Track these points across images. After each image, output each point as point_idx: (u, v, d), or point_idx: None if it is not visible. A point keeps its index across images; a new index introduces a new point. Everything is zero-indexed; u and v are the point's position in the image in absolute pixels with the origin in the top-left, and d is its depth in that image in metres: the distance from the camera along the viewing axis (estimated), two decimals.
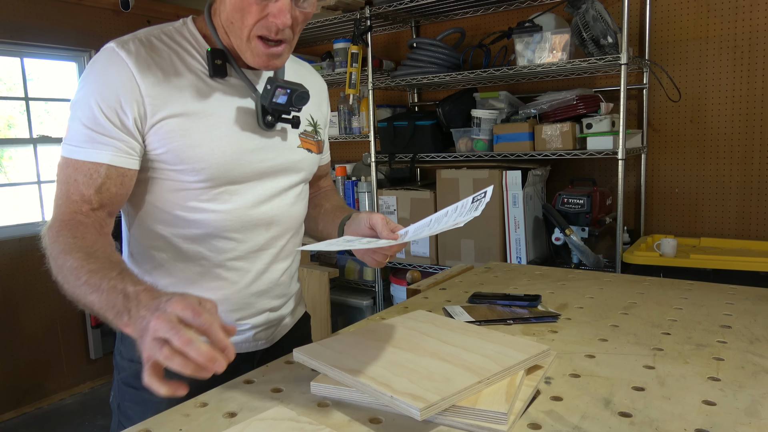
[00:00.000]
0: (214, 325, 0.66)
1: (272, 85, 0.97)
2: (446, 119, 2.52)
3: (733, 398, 0.73)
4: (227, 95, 0.97)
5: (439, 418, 0.68)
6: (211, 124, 0.95)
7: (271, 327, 1.09)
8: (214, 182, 0.95)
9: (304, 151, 1.08)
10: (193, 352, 0.63)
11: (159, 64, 0.93)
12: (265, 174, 1.01)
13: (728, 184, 2.28)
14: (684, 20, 2.30)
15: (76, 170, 0.91)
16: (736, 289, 1.22)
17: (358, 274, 3.03)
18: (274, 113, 1.00)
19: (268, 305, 1.07)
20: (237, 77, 0.99)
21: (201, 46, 0.97)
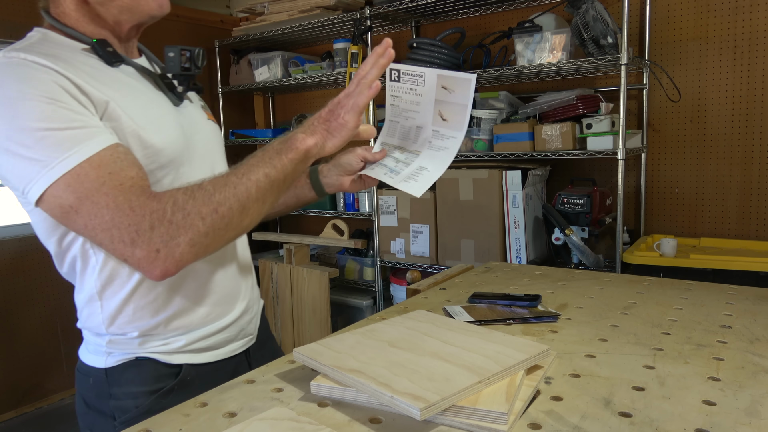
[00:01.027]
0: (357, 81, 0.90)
1: (175, 50, 0.96)
2: None
3: (733, 398, 0.73)
4: (134, 79, 0.93)
5: (439, 418, 0.68)
6: (143, 105, 0.89)
7: (254, 315, 1.10)
8: (171, 164, 0.90)
9: (212, 122, 1.07)
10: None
11: (68, 62, 0.83)
12: (201, 149, 0.99)
13: (728, 184, 2.28)
14: (684, 20, 2.30)
15: (99, 167, 0.76)
16: (736, 289, 1.22)
17: (358, 274, 3.03)
18: (182, 81, 0.98)
19: (249, 280, 1.08)
20: (127, 65, 0.94)
21: (77, 47, 0.90)
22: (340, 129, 0.90)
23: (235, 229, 0.81)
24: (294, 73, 3.05)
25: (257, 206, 0.82)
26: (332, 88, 3.37)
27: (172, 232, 0.76)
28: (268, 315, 2.94)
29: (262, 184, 0.82)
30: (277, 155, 0.84)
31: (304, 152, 0.86)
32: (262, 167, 0.83)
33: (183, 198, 0.78)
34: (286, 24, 2.94)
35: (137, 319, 0.92)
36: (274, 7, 2.97)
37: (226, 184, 0.80)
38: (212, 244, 0.80)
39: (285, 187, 0.86)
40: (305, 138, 0.87)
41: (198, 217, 0.77)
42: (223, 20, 3.51)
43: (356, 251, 3.05)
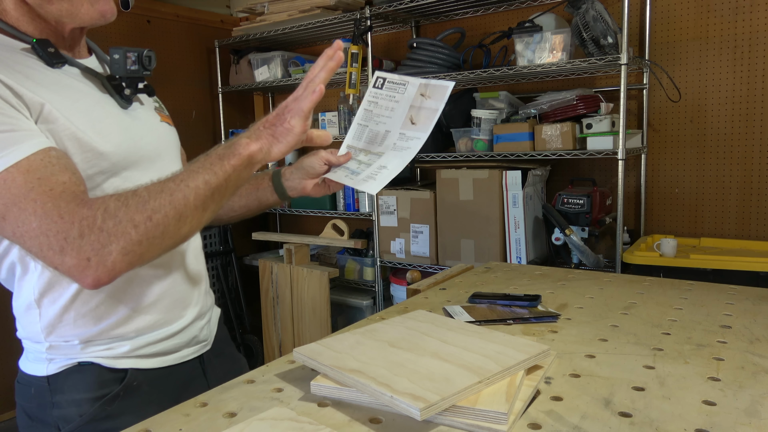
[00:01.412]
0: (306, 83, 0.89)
1: (120, 52, 0.92)
2: (446, 119, 2.52)
3: (733, 398, 0.73)
4: (77, 81, 0.90)
5: (439, 418, 0.68)
6: (84, 108, 0.86)
7: (208, 319, 1.08)
8: (114, 168, 0.87)
9: (165, 125, 1.04)
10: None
11: (1, 62, 0.81)
12: (150, 152, 0.96)
13: (728, 184, 2.28)
14: (684, 20, 2.30)
15: (28, 172, 0.74)
16: (736, 289, 1.22)
17: (358, 274, 3.03)
18: (130, 84, 0.95)
19: (202, 287, 1.05)
20: (71, 66, 0.91)
21: (16, 46, 0.87)
22: (285, 134, 0.87)
23: (172, 238, 0.78)
24: (294, 73, 3.05)
25: (196, 214, 0.79)
26: (332, 88, 3.37)
27: (103, 240, 0.73)
28: (267, 315, 2.94)
29: (201, 191, 0.78)
30: (219, 161, 0.81)
31: (247, 158, 0.83)
32: (203, 173, 0.79)
33: (115, 205, 0.75)
34: (286, 24, 2.93)
35: (78, 327, 0.89)
36: (274, 7, 2.97)
37: (162, 190, 0.77)
38: (147, 252, 0.76)
39: (228, 194, 0.83)
40: (249, 143, 0.83)
41: (130, 224, 0.74)
42: (223, 20, 3.51)
43: (356, 251, 3.06)
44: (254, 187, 1.16)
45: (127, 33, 3.05)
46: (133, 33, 3.07)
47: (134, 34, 3.08)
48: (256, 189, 1.16)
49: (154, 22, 3.18)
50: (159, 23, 3.19)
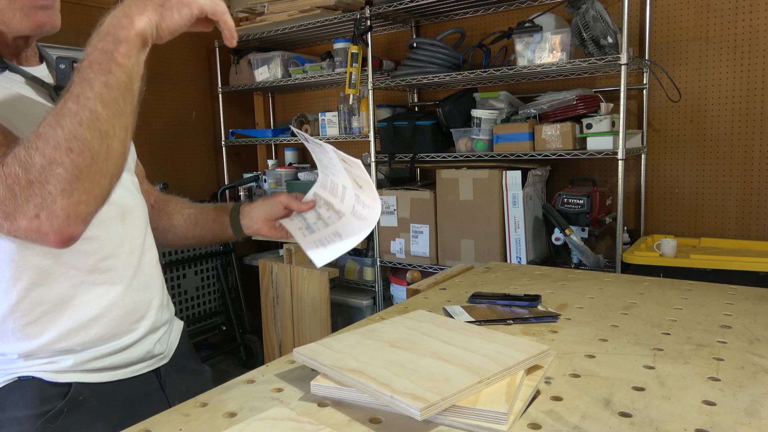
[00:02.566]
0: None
1: (66, 63, 0.88)
2: (446, 119, 2.52)
3: (733, 398, 0.73)
4: (18, 88, 0.86)
5: (439, 418, 0.68)
6: (23, 115, 0.81)
7: (164, 333, 1.03)
8: None
9: None
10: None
11: None
12: None
13: (728, 184, 2.28)
14: (684, 20, 2.30)
15: None
16: (736, 289, 1.22)
17: (358, 274, 3.03)
18: None
19: (155, 301, 1.00)
20: (14, 72, 0.87)
21: None
22: (181, 6, 0.73)
23: (108, 158, 0.70)
24: (294, 73, 3.05)
25: (116, 122, 0.70)
26: (332, 88, 3.37)
27: (39, 191, 0.67)
28: (267, 315, 2.94)
29: (106, 96, 0.69)
30: (107, 56, 0.69)
31: (135, 38, 0.71)
32: (97, 77, 0.69)
33: (26, 153, 0.67)
34: (286, 24, 2.94)
35: (18, 341, 0.85)
36: (274, 7, 2.97)
37: (64, 115, 0.67)
38: (93, 184, 0.69)
39: (137, 86, 0.73)
40: (132, 21, 0.71)
41: (54, 164, 0.66)
42: None
43: (356, 251, 3.05)
44: (212, 219, 1.12)
45: None
46: None
47: None
48: (213, 221, 1.12)
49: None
50: None
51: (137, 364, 0.97)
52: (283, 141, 3.26)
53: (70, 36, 2.99)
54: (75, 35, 2.99)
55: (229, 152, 3.52)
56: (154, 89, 3.17)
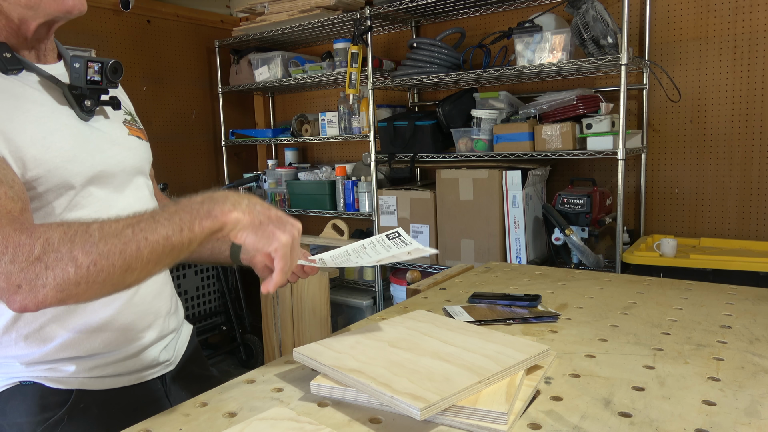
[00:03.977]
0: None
1: (81, 62, 0.87)
2: (446, 119, 2.52)
3: (733, 398, 0.73)
4: (33, 89, 0.85)
5: (439, 418, 0.68)
6: (34, 119, 0.81)
7: (171, 340, 1.03)
8: (64, 183, 0.83)
9: (135, 138, 0.99)
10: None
11: None
12: (110, 166, 0.90)
13: (728, 184, 2.28)
14: (684, 20, 2.30)
15: None
16: (736, 289, 1.22)
17: (358, 274, 3.03)
18: (91, 95, 0.89)
19: (162, 309, 0.99)
20: (30, 72, 0.86)
21: None
22: (270, 236, 0.77)
23: (115, 286, 0.72)
24: (294, 73, 3.05)
25: (147, 267, 0.72)
26: (332, 88, 3.37)
27: (39, 272, 0.67)
28: (267, 315, 2.94)
29: (158, 246, 0.71)
30: (190, 218, 0.73)
31: (221, 225, 0.74)
32: (167, 227, 0.71)
33: (60, 238, 0.68)
34: (286, 24, 2.93)
35: (20, 349, 0.85)
36: (274, 7, 2.97)
37: (116, 235, 0.69)
38: (83, 294, 0.70)
39: (187, 253, 0.75)
40: (231, 210, 0.74)
41: (72, 263, 0.68)
42: (223, 20, 3.51)
43: None
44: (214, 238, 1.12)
45: (127, 33, 3.05)
46: (133, 33, 3.07)
47: (134, 34, 3.08)
48: (216, 239, 1.11)
49: (154, 22, 3.17)
50: (159, 23, 3.19)
51: (142, 371, 0.96)
52: (283, 141, 3.26)
53: (70, 36, 2.99)
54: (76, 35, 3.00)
55: (229, 152, 3.52)
56: (154, 89, 3.17)
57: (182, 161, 3.34)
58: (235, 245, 1.07)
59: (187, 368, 1.06)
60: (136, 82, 3.09)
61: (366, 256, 0.94)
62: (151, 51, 3.16)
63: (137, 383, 0.95)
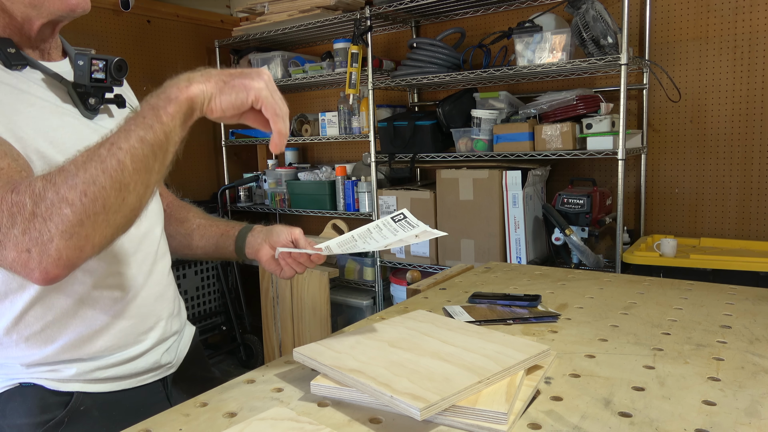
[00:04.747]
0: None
1: (85, 59, 0.86)
2: (446, 119, 2.52)
3: (733, 398, 0.73)
4: (36, 86, 0.84)
5: (439, 418, 0.68)
6: (38, 115, 0.81)
7: (173, 343, 1.02)
8: None
9: None
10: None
11: None
12: None
13: (728, 184, 2.28)
14: (684, 20, 2.30)
15: None
16: (736, 289, 1.22)
17: (358, 274, 3.03)
18: (95, 93, 0.88)
19: (165, 311, 0.98)
20: (33, 69, 0.85)
21: None
22: (240, 89, 0.72)
23: (118, 211, 0.68)
24: (294, 73, 3.05)
25: (139, 178, 0.68)
26: (332, 87, 3.37)
27: (39, 227, 0.65)
28: (267, 315, 2.94)
29: (138, 151, 0.67)
30: (153, 111, 0.69)
31: (185, 102, 0.70)
32: (136, 130, 0.68)
33: (42, 185, 0.66)
34: (286, 24, 2.94)
35: (21, 350, 0.85)
36: (274, 7, 2.97)
37: (91, 158, 0.66)
38: (94, 233, 0.67)
39: (171, 149, 0.71)
40: (188, 86, 0.70)
41: (64, 203, 0.65)
42: (223, 20, 3.51)
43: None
44: (220, 232, 1.08)
45: (127, 33, 3.05)
46: (133, 33, 3.08)
47: (134, 34, 3.08)
48: (221, 234, 1.08)
49: (154, 22, 3.17)
50: (159, 23, 3.19)
51: (143, 374, 0.95)
52: None
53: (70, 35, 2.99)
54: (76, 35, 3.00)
55: (229, 152, 3.52)
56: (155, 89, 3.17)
57: (182, 161, 3.33)
58: (240, 240, 1.05)
59: (188, 370, 1.06)
60: (136, 82, 3.08)
61: (373, 241, 0.93)
62: (151, 51, 3.16)
63: (138, 386, 0.95)
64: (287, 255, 0.99)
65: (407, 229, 0.93)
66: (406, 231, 0.92)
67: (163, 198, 1.12)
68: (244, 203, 3.40)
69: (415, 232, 0.91)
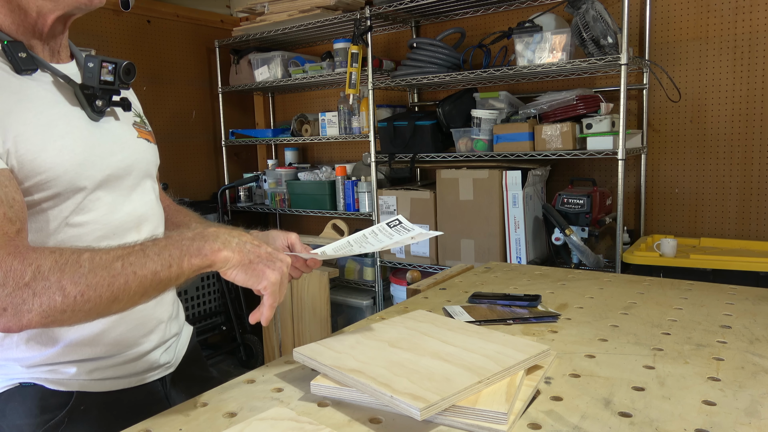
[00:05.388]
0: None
1: (95, 61, 0.87)
2: (446, 119, 2.52)
3: (733, 398, 0.73)
4: (45, 90, 0.85)
5: (439, 418, 0.68)
6: (47, 122, 0.81)
7: (172, 343, 1.02)
8: (72, 187, 0.83)
9: (144, 141, 0.99)
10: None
11: None
12: (119, 170, 0.90)
13: (728, 184, 2.28)
14: (684, 20, 2.30)
15: None
16: (736, 289, 1.22)
17: (358, 274, 3.03)
18: (103, 95, 0.89)
19: (164, 314, 0.99)
20: (44, 71, 0.86)
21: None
22: (259, 275, 0.78)
23: (100, 315, 0.73)
24: (294, 73, 3.05)
25: (133, 299, 0.73)
26: (332, 87, 3.37)
27: (26, 298, 0.68)
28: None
29: (146, 281, 0.72)
30: (179, 254, 0.74)
31: (210, 263, 0.76)
32: (156, 262, 0.73)
33: (50, 266, 0.69)
34: (286, 24, 2.94)
35: (21, 352, 0.85)
36: (274, 7, 2.97)
37: (106, 267, 0.71)
38: (68, 321, 0.72)
39: (174, 286, 0.77)
40: (221, 249, 0.76)
41: (60, 292, 0.69)
42: (223, 20, 3.51)
43: None
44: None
45: (127, 33, 3.05)
46: (133, 33, 3.07)
47: (134, 34, 3.08)
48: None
49: (154, 22, 3.17)
50: (159, 23, 3.19)
51: (142, 374, 0.96)
52: (283, 141, 3.26)
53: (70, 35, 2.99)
54: (76, 35, 3.00)
55: (229, 152, 3.52)
56: (154, 89, 3.17)
57: (182, 161, 3.34)
58: None
59: (187, 370, 1.06)
60: (136, 82, 3.08)
61: (368, 245, 0.94)
62: (151, 51, 3.16)
63: (137, 385, 0.95)
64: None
65: (403, 234, 0.94)
66: (401, 235, 0.94)
67: (162, 202, 1.12)
68: (244, 203, 3.40)
69: (410, 234, 0.93)
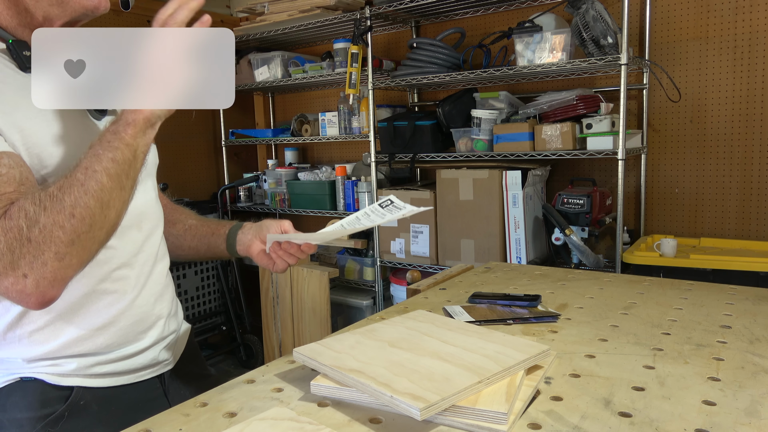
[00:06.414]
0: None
1: None
2: (446, 119, 2.52)
3: (733, 398, 0.73)
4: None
5: (439, 418, 0.68)
6: (51, 117, 0.83)
7: (171, 340, 1.03)
8: None
9: None
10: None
11: None
12: None
13: (728, 184, 2.28)
14: (684, 20, 2.30)
15: None
16: (736, 289, 1.22)
17: (358, 274, 3.03)
18: None
19: (164, 311, 1.00)
20: None
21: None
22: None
23: (103, 227, 0.75)
24: (294, 73, 3.05)
25: (117, 195, 0.75)
26: (332, 87, 3.37)
27: (34, 251, 0.69)
28: (267, 315, 2.94)
29: (111, 170, 0.74)
30: (115, 136, 0.75)
31: (142, 121, 0.76)
32: (105, 153, 0.74)
33: (34, 210, 0.70)
34: (286, 24, 2.93)
35: (23, 346, 0.85)
36: (274, 7, 2.97)
37: (72, 184, 0.72)
38: (84, 250, 0.73)
39: (140, 163, 0.78)
40: (141, 111, 0.77)
41: (56, 227, 0.70)
42: (223, 20, 3.51)
43: (356, 251, 3.06)
44: (210, 231, 1.11)
45: None
46: None
47: None
48: (211, 234, 1.11)
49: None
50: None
51: (142, 370, 0.97)
52: (283, 141, 3.26)
53: None
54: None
55: (229, 152, 3.52)
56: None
57: (182, 161, 3.34)
58: (231, 237, 1.08)
59: (185, 367, 1.07)
60: None
61: (361, 225, 0.97)
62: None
63: (137, 382, 0.96)
64: (278, 247, 1.02)
65: (394, 212, 0.96)
66: (393, 214, 0.95)
67: (162, 202, 1.13)
68: (244, 203, 3.40)
69: (402, 212, 0.96)
